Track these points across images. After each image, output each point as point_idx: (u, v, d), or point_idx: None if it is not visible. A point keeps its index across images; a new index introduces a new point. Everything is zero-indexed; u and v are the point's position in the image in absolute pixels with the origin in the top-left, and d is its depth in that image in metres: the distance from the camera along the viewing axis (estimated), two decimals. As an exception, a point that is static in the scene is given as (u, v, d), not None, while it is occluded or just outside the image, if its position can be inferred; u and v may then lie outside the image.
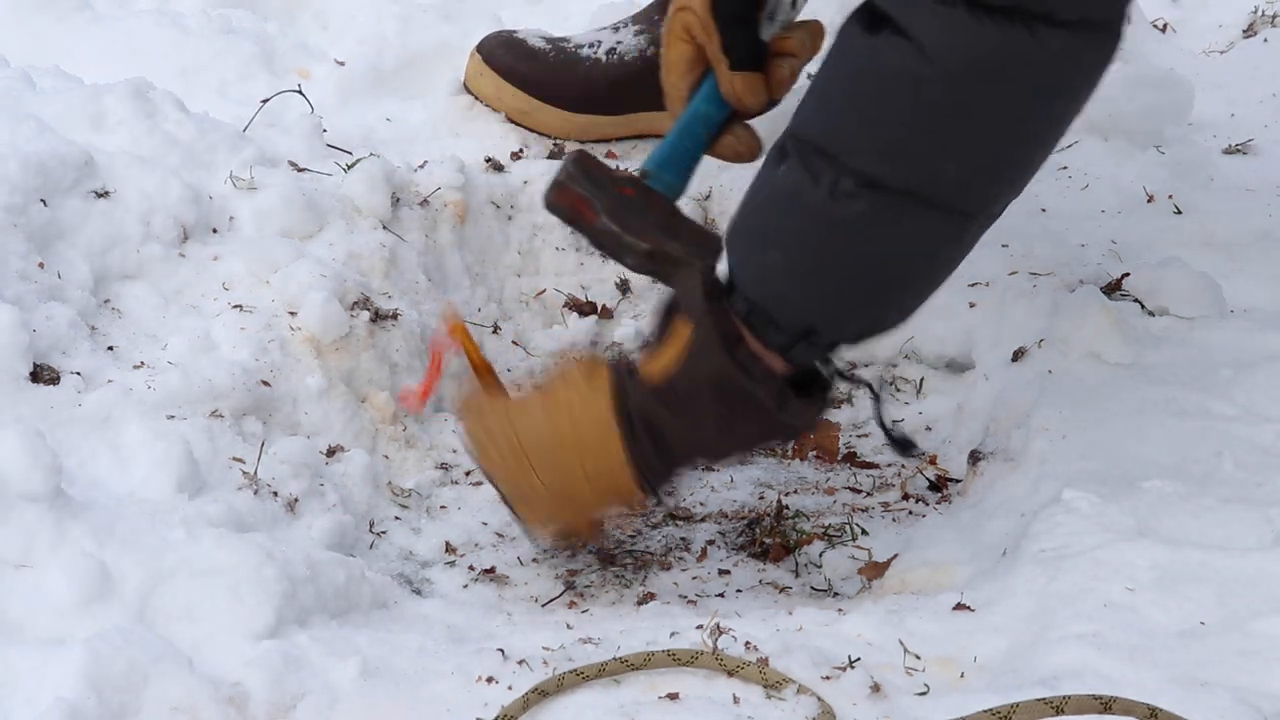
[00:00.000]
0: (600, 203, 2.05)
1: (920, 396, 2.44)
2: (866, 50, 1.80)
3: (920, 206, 1.82)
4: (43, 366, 2.04)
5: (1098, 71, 1.83)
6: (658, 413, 1.95)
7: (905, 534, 2.13)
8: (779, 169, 1.89)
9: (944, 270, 1.92)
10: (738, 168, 2.71)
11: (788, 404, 1.93)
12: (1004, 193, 1.87)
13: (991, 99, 1.78)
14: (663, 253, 2.04)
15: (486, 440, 2.01)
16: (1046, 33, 1.74)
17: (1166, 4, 3.48)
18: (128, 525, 1.83)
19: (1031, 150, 1.86)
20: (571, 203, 2.07)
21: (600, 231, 2.06)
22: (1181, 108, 2.87)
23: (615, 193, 2.06)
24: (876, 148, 1.82)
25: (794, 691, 1.67)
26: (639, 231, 2.04)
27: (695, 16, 2.03)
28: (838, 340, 1.94)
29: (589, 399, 1.96)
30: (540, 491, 1.98)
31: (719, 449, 2.00)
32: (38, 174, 2.21)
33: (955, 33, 1.74)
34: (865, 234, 1.84)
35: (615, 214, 2.05)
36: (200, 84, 2.91)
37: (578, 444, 1.96)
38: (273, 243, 2.33)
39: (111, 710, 1.64)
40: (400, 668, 1.76)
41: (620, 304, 2.63)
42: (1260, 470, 1.96)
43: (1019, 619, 1.77)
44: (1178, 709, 1.57)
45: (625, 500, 2.00)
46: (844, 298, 1.90)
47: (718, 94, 2.06)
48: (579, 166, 2.07)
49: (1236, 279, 2.42)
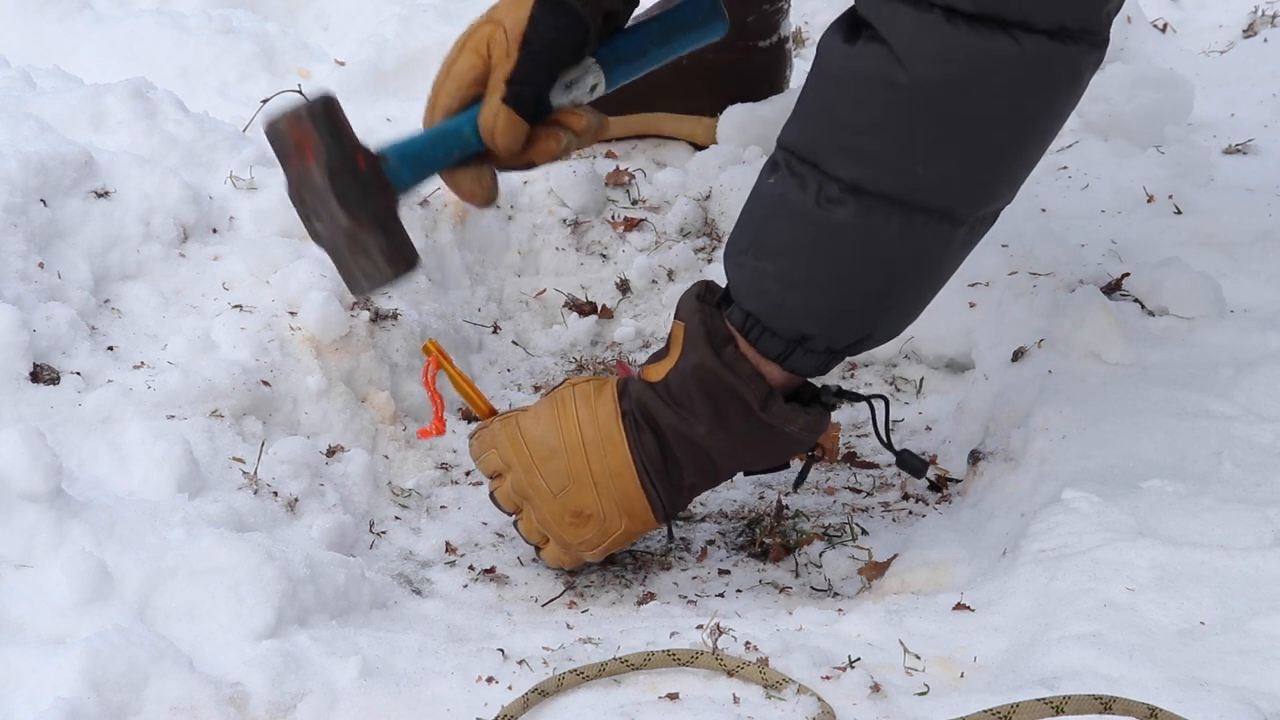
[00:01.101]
0: (326, 155, 1.87)
1: (920, 396, 2.44)
2: (842, 56, 1.82)
3: (903, 211, 1.83)
4: (43, 366, 2.04)
5: (1077, 78, 1.83)
6: (652, 403, 1.97)
7: (905, 534, 2.13)
8: (770, 180, 1.90)
9: (935, 276, 1.92)
10: (738, 167, 2.72)
11: (772, 404, 1.94)
12: (988, 197, 1.87)
13: (965, 104, 1.79)
14: (357, 239, 1.88)
15: (492, 446, 2.02)
16: (1023, 39, 1.75)
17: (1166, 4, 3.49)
18: (128, 525, 1.84)
19: (1011, 156, 1.85)
20: (298, 139, 1.88)
21: (308, 181, 1.88)
22: (1181, 108, 2.87)
23: (349, 154, 1.89)
24: (851, 152, 1.82)
25: (794, 691, 1.67)
26: (350, 204, 1.87)
27: (503, 35, 1.93)
28: (833, 347, 1.94)
29: (597, 404, 1.99)
30: (545, 494, 1.99)
31: (713, 448, 1.98)
32: (38, 174, 2.21)
33: (930, 38, 1.75)
34: (852, 239, 1.85)
35: (335, 174, 1.87)
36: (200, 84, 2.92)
37: (583, 446, 1.97)
38: (273, 243, 2.33)
39: (111, 710, 1.64)
40: (400, 668, 1.76)
41: (620, 304, 2.63)
42: (1260, 470, 1.96)
43: (1019, 619, 1.77)
44: (1178, 709, 1.57)
45: (632, 508, 1.99)
46: (835, 304, 1.91)
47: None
48: (325, 111, 1.89)
49: (1236, 279, 2.42)
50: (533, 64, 1.93)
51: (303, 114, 1.88)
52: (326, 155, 1.88)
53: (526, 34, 1.92)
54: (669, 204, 2.72)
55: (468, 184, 1.97)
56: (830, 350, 1.94)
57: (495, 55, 1.94)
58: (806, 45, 3.31)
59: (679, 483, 2.00)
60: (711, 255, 2.67)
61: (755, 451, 2.01)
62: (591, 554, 2.02)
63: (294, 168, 1.90)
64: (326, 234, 1.90)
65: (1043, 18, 1.75)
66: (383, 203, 1.91)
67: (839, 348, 1.94)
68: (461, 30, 3.03)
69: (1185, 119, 2.88)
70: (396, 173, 1.92)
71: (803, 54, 3.24)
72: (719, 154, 2.77)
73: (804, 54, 3.25)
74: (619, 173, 2.74)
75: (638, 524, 2.01)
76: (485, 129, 1.94)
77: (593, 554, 2.03)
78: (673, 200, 2.72)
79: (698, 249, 2.68)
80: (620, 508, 1.99)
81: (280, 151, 1.91)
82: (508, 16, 1.94)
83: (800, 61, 3.13)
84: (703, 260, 2.67)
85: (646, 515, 2.00)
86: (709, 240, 2.69)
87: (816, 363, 1.95)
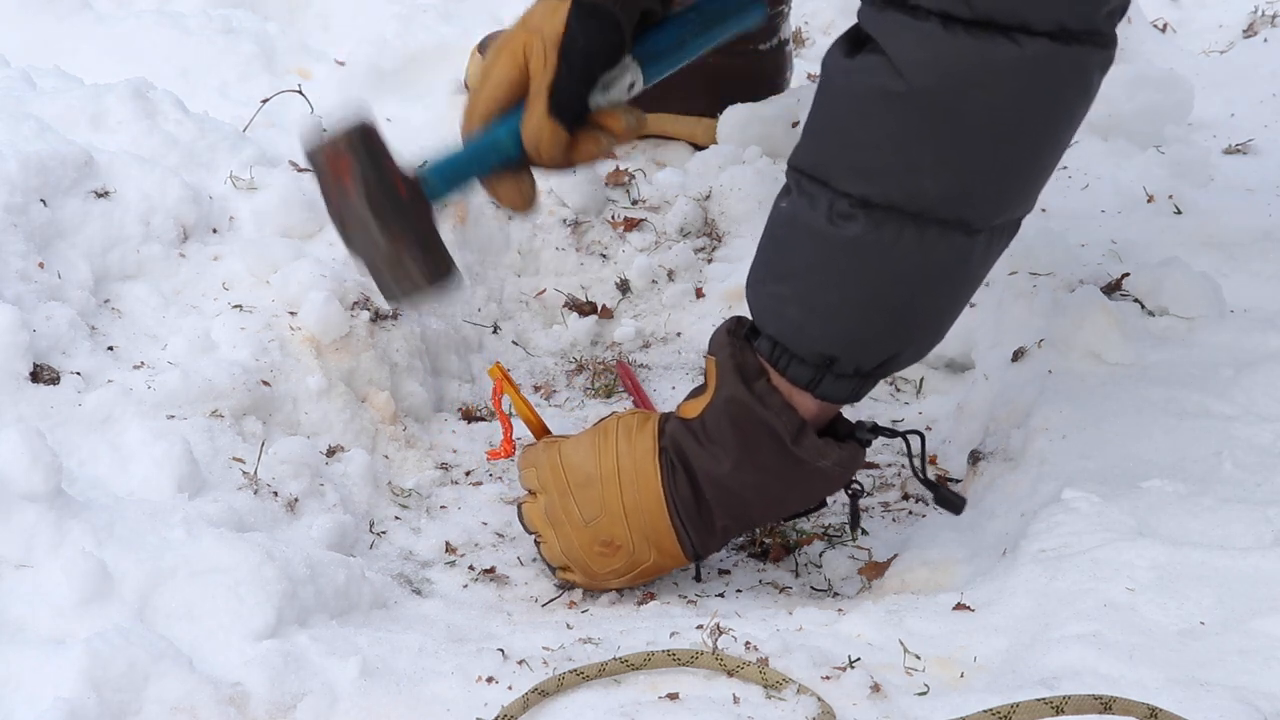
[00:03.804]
0: (365, 186, 1.90)
1: (920, 396, 2.44)
2: (843, 72, 1.81)
3: (916, 223, 1.80)
4: (43, 366, 2.04)
5: (1084, 81, 1.80)
6: (686, 442, 1.95)
7: (905, 534, 2.13)
8: (782, 204, 1.89)
9: (957, 289, 1.90)
10: (738, 167, 2.72)
11: (804, 438, 1.92)
12: (1002, 205, 1.84)
13: (967, 112, 1.77)
14: (398, 261, 1.92)
15: (532, 465, 2.02)
16: (1023, 42, 1.73)
17: (1166, 4, 3.49)
18: (128, 525, 1.83)
19: (1021, 162, 1.82)
20: (336, 168, 1.91)
21: (348, 208, 1.91)
22: (1181, 108, 2.87)
23: (389, 183, 1.91)
24: (858, 166, 1.81)
25: (794, 691, 1.67)
26: (392, 231, 1.91)
27: (541, 44, 1.92)
28: (861, 369, 1.90)
29: (637, 439, 1.98)
30: (576, 521, 1.99)
31: (742, 484, 1.95)
32: (38, 174, 2.21)
33: (928, 47, 1.74)
34: (866, 255, 1.83)
35: (376, 203, 1.90)
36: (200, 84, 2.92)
37: (617, 477, 1.97)
38: (273, 243, 2.33)
39: (111, 710, 1.64)
40: (400, 668, 1.76)
41: (620, 304, 2.63)
42: (1260, 470, 1.96)
43: (1019, 619, 1.77)
44: (1178, 709, 1.57)
45: (661, 544, 1.98)
46: (857, 322, 1.88)
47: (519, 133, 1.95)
48: (364, 140, 1.91)
49: (1236, 279, 2.41)
50: (572, 73, 1.93)
51: (341, 145, 1.90)
52: (365, 186, 1.90)
53: (564, 44, 1.92)
54: (669, 204, 2.72)
55: (508, 192, 1.98)
56: (859, 373, 1.91)
57: (533, 64, 1.93)
58: (807, 45, 3.31)
59: (711, 525, 1.98)
60: (712, 255, 2.67)
61: (787, 488, 1.97)
62: (618, 582, 2.01)
63: (337, 196, 1.92)
64: (366, 255, 1.93)
65: (1040, 20, 1.73)
66: (423, 225, 1.93)
67: (867, 369, 1.91)
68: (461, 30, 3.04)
69: (1185, 119, 2.88)
70: (436, 189, 1.95)
71: (803, 54, 3.24)
72: (719, 154, 2.78)
73: (804, 54, 3.25)
74: (619, 173, 2.75)
75: (667, 559, 1.99)
76: (529, 141, 1.94)
77: (619, 582, 2.01)
78: (673, 200, 2.72)
79: (698, 249, 2.68)
80: (650, 542, 1.98)
81: (320, 179, 1.93)
82: (545, 24, 1.93)
83: (801, 62, 3.13)
84: (703, 260, 2.67)
85: (676, 552, 1.99)
86: (709, 240, 2.69)
87: (848, 388, 1.91)
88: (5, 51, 2.71)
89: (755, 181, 2.71)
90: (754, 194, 2.70)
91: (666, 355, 2.58)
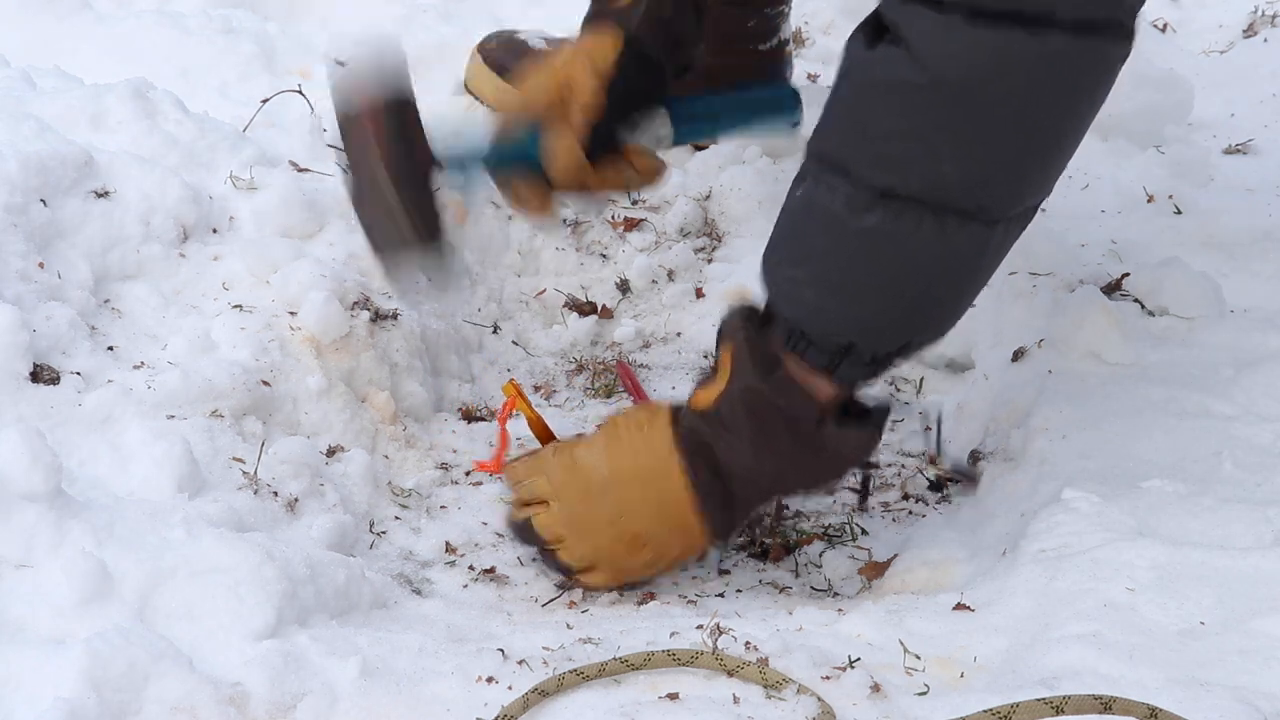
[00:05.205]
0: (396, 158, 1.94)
1: (920, 396, 2.44)
2: (863, 62, 1.81)
3: (935, 213, 1.80)
4: (43, 366, 2.04)
5: (1105, 72, 1.81)
6: (706, 432, 1.96)
7: (905, 534, 2.13)
8: (798, 191, 1.89)
9: (974, 277, 1.90)
10: (738, 167, 2.72)
11: (824, 425, 1.93)
12: (1021, 194, 1.85)
13: (989, 103, 1.77)
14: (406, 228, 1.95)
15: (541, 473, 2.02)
16: (1046, 35, 1.73)
17: (1166, 4, 3.49)
18: (128, 525, 1.83)
19: (1041, 152, 1.83)
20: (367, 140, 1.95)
21: (373, 178, 1.95)
22: (1181, 108, 2.87)
23: (416, 161, 1.97)
24: (879, 157, 1.81)
25: (794, 691, 1.67)
26: (415, 210, 1.95)
27: (588, 69, 2.01)
28: (879, 354, 1.91)
29: (650, 433, 1.98)
30: (599, 521, 1.99)
31: (761, 472, 1.96)
32: (38, 174, 2.21)
33: (950, 40, 1.74)
34: (885, 243, 1.83)
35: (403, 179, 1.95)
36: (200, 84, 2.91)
37: (638, 475, 1.97)
38: (273, 243, 2.33)
39: (111, 710, 1.64)
40: (400, 668, 1.76)
41: (620, 304, 2.63)
42: (1260, 470, 1.96)
43: (1019, 619, 1.77)
44: (1178, 709, 1.57)
45: (688, 532, 1.98)
46: (876, 309, 1.89)
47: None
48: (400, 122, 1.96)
49: (1236, 279, 2.42)
50: (611, 108, 2.01)
51: (379, 105, 1.95)
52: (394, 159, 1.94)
53: (612, 79, 2.00)
54: (669, 204, 2.72)
55: (523, 197, 2.05)
56: (875, 358, 1.92)
57: (576, 86, 2.01)
58: (807, 45, 3.31)
59: (733, 507, 1.99)
60: (712, 255, 2.67)
61: (804, 473, 1.99)
62: (646, 572, 2.02)
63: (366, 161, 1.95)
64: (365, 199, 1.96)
65: (1065, 12, 1.73)
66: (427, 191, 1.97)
67: (883, 354, 1.92)
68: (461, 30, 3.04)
69: (1185, 119, 2.88)
70: (456, 182, 2.01)
71: (803, 54, 3.24)
72: (719, 154, 2.78)
73: (804, 54, 3.25)
74: (619, 173, 2.74)
75: (695, 543, 2.01)
76: (548, 157, 2.00)
77: (647, 572, 2.02)
78: (673, 200, 2.72)
79: (698, 249, 2.68)
80: (677, 531, 1.98)
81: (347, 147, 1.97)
82: (595, 52, 2.02)
83: (801, 62, 3.13)
84: (703, 260, 2.67)
85: (702, 539, 2.00)
86: (709, 240, 2.70)
87: (865, 372, 1.93)
88: (5, 51, 2.71)
89: (755, 181, 2.71)
90: (754, 194, 2.70)
91: (666, 355, 2.58)
